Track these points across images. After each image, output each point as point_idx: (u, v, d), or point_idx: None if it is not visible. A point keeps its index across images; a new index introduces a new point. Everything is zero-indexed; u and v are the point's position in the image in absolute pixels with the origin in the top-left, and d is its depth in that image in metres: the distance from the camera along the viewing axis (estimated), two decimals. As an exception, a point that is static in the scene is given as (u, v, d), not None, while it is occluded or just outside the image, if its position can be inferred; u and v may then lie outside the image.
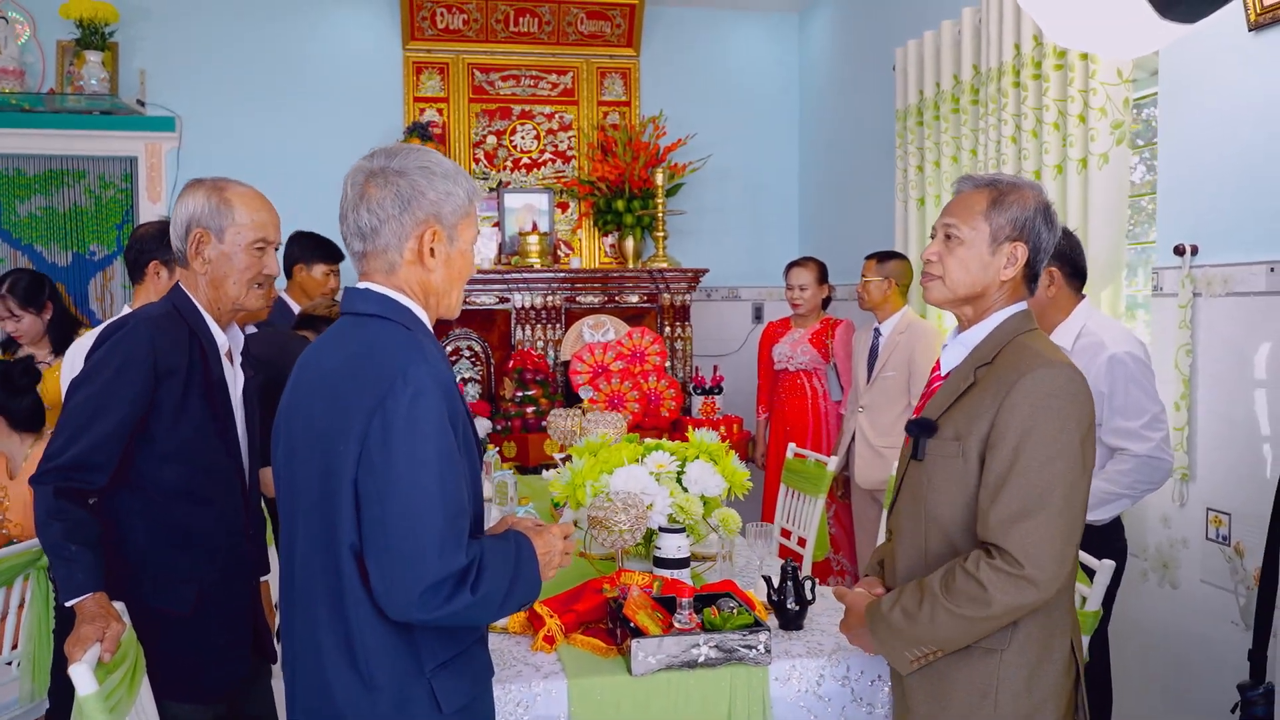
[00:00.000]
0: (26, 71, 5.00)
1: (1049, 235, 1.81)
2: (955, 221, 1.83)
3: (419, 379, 1.41)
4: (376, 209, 1.51)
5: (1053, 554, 1.62)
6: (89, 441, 1.91)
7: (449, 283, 1.58)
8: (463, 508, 1.42)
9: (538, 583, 1.54)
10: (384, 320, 1.52)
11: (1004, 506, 1.65)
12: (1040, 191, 1.82)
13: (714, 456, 2.49)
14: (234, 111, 5.26)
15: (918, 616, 1.70)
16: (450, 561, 1.37)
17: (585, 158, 5.52)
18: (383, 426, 1.39)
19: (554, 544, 1.60)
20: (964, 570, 1.67)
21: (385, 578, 1.39)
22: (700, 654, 1.91)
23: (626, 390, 4.53)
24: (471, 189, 1.59)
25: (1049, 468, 1.64)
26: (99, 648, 1.75)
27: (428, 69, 5.44)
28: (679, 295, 5.09)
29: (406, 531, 1.37)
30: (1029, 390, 1.67)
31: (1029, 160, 3.32)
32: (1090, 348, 2.55)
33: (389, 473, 1.39)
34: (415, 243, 1.53)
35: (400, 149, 1.55)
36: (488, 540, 1.49)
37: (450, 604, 1.38)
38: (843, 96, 5.28)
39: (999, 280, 1.80)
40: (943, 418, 1.79)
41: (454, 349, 4.96)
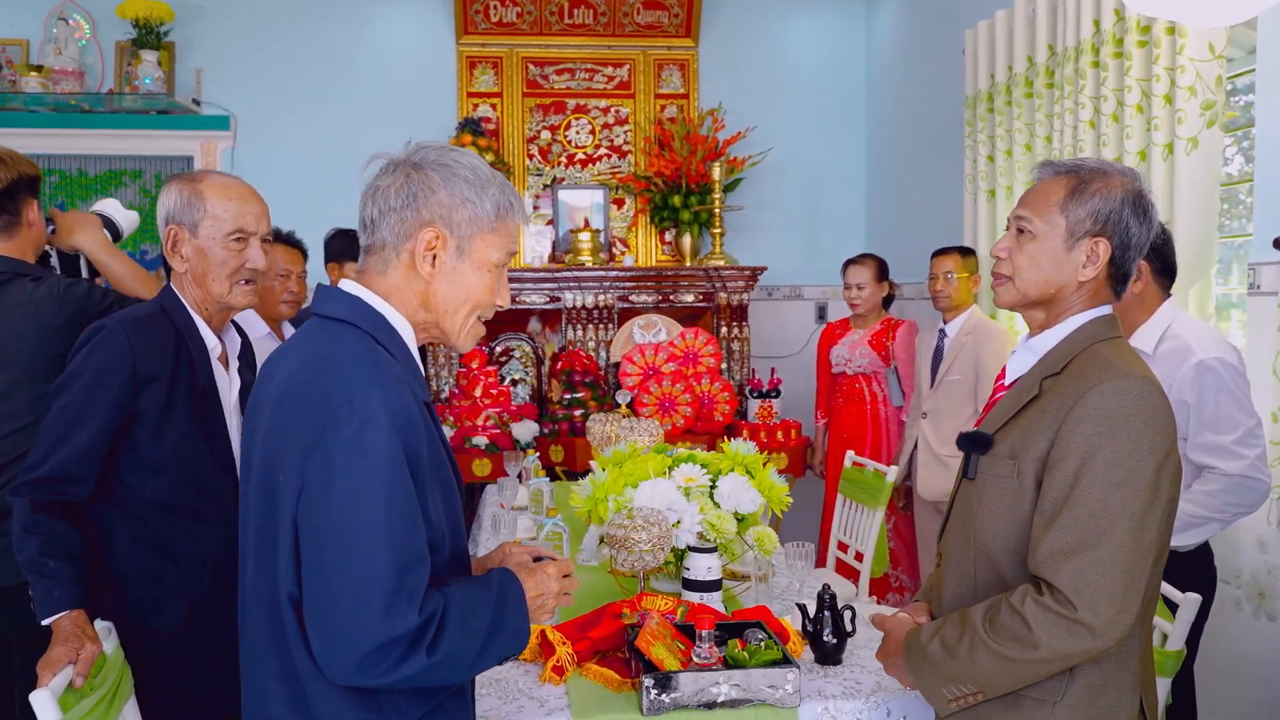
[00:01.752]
0: (86, 72, 5.03)
1: (1141, 229, 1.56)
2: (1028, 214, 1.60)
3: (368, 407, 1.22)
4: (380, 199, 1.36)
5: (1109, 596, 1.39)
6: (67, 452, 1.81)
7: (452, 302, 1.39)
8: (418, 557, 1.23)
9: (524, 633, 1.36)
10: (348, 327, 1.34)
11: (1058, 537, 1.43)
12: (1133, 179, 1.58)
13: (750, 469, 2.29)
14: (288, 109, 5.22)
15: (956, 651, 1.49)
16: (399, 621, 1.19)
17: (641, 153, 5.35)
18: (323, 461, 1.21)
19: (548, 585, 1.42)
20: (1009, 605, 1.45)
21: (323, 637, 1.21)
22: (720, 693, 1.72)
23: (678, 393, 4.35)
24: (504, 204, 1.39)
25: (1113, 495, 1.41)
26: (71, 670, 1.65)
27: (481, 63, 5.33)
28: (736, 294, 4.88)
29: (347, 585, 1.19)
30: (1097, 405, 1.44)
31: (1109, 147, 3.04)
32: (1175, 353, 2.28)
33: (328, 515, 1.21)
34: (414, 244, 1.35)
35: (434, 145, 1.40)
36: (457, 589, 1.30)
37: (400, 669, 1.20)
38: (911, 85, 5.00)
39: (1076, 280, 1.57)
40: (1000, 432, 1.57)
41: (504, 349, 4.84)
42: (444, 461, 1.37)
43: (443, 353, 4.69)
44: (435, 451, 1.34)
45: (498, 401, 4.32)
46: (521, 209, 1.45)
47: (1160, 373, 2.29)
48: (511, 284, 4.77)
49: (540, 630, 1.96)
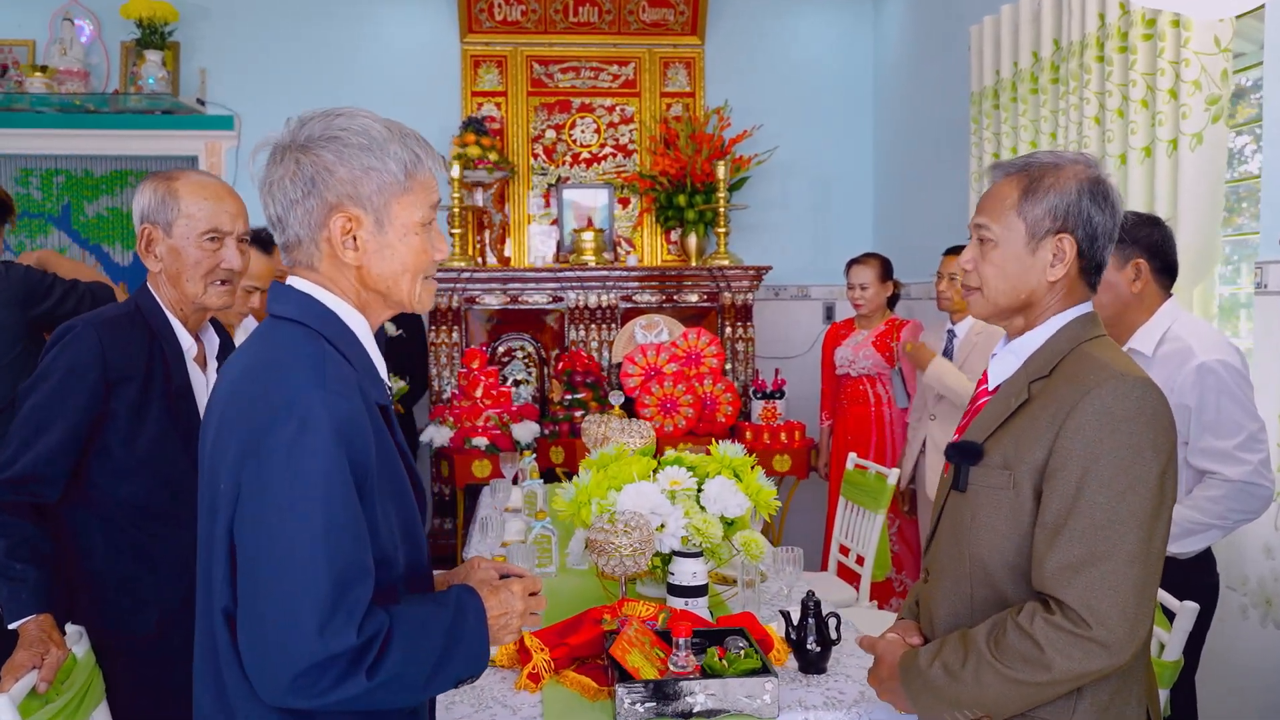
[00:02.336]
0: (91, 73, 5.03)
1: (1104, 217, 1.51)
2: (986, 221, 1.55)
3: (307, 411, 1.16)
4: (279, 194, 1.27)
5: (1124, 610, 1.33)
6: (35, 454, 1.79)
7: (390, 277, 1.30)
8: (360, 571, 1.16)
9: (482, 656, 1.29)
10: (297, 326, 1.26)
11: (1065, 552, 1.36)
12: (1087, 166, 1.52)
13: (738, 472, 2.25)
14: (292, 108, 5.05)
15: (961, 675, 1.42)
16: (335, 640, 1.12)
17: (647, 152, 5.31)
18: (258, 467, 1.15)
19: (512, 604, 1.35)
20: (1016, 626, 1.39)
21: (254, 654, 1.15)
22: (696, 703, 1.67)
23: (680, 394, 4.30)
24: (410, 160, 1.28)
25: (1120, 505, 1.35)
26: (35, 676, 1.63)
27: (486, 62, 5.31)
28: (740, 294, 4.83)
29: (280, 600, 1.13)
30: (1096, 410, 1.38)
31: (1114, 143, 2.98)
32: (1176, 354, 2.22)
33: (262, 525, 1.15)
34: (329, 232, 1.27)
35: (314, 115, 1.29)
36: (408, 608, 1.23)
37: (337, 691, 1.13)
38: (919, 81, 4.94)
39: (1047, 281, 1.51)
40: (990, 441, 1.50)
41: (506, 349, 4.81)
42: (399, 469, 1.30)
43: (444, 352, 4.67)
44: (389, 458, 1.27)
45: (498, 402, 4.29)
46: (432, 155, 1.34)
47: (1160, 375, 2.22)
48: (514, 284, 4.75)
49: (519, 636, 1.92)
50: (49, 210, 5.23)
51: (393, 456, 1.29)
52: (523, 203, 5.29)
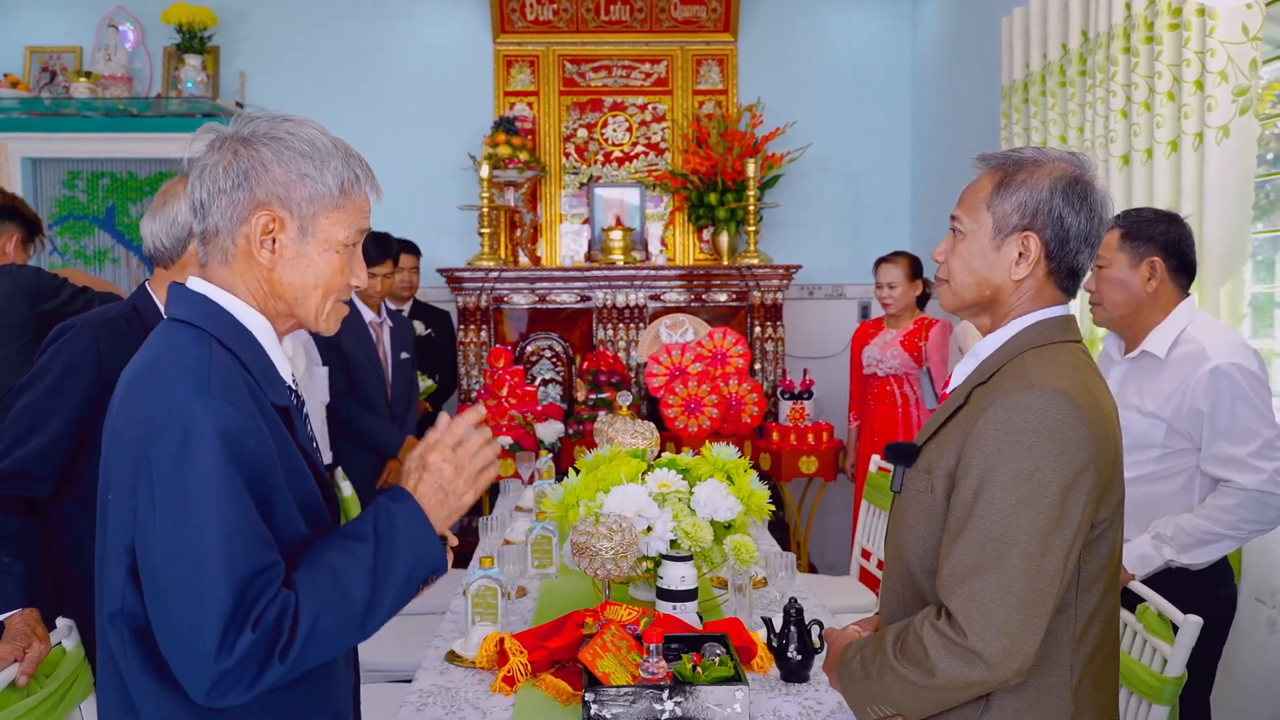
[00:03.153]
0: (135, 78, 5.15)
1: (1078, 219, 1.45)
2: (959, 213, 1.52)
3: (190, 420, 1.13)
4: (208, 180, 1.25)
5: (1001, 624, 1.30)
6: (28, 451, 1.83)
7: (302, 288, 1.28)
8: (263, 575, 1.15)
9: (429, 552, 1.25)
10: (188, 329, 1.25)
11: (957, 559, 1.35)
12: (1069, 165, 1.47)
13: (730, 475, 2.21)
14: (327, 110, 5.27)
15: (870, 671, 1.43)
16: (235, 647, 1.11)
17: (678, 150, 5.27)
18: (149, 483, 1.14)
19: (441, 474, 1.27)
20: (914, 629, 1.38)
21: (176, 664, 1.15)
22: (664, 710, 1.64)
23: (704, 394, 4.26)
24: (349, 178, 1.28)
25: (1012, 517, 1.32)
26: (15, 669, 1.66)
27: (518, 62, 5.32)
28: (770, 293, 4.77)
29: (182, 616, 1.12)
30: (998, 419, 1.35)
31: (1140, 136, 2.87)
32: (1189, 357, 2.13)
33: (157, 540, 1.14)
34: (249, 228, 1.25)
35: (264, 115, 1.28)
36: (316, 566, 1.19)
37: (258, 685, 1.14)
38: (957, 76, 4.83)
39: (1012, 280, 1.47)
40: (926, 445, 1.48)
41: (535, 348, 4.81)
42: (302, 470, 1.27)
43: (472, 351, 4.69)
44: (292, 461, 1.25)
45: (523, 402, 4.30)
46: (371, 181, 1.32)
47: (1173, 378, 2.14)
48: (542, 283, 4.75)
49: (499, 638, 1.91)
50: (94, 212, 5.36)
51: (295, 459, 1.27)
52: (554, 202, 5.30)
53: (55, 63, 5.20)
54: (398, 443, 3.81)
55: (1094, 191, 1.47)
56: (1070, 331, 1.50)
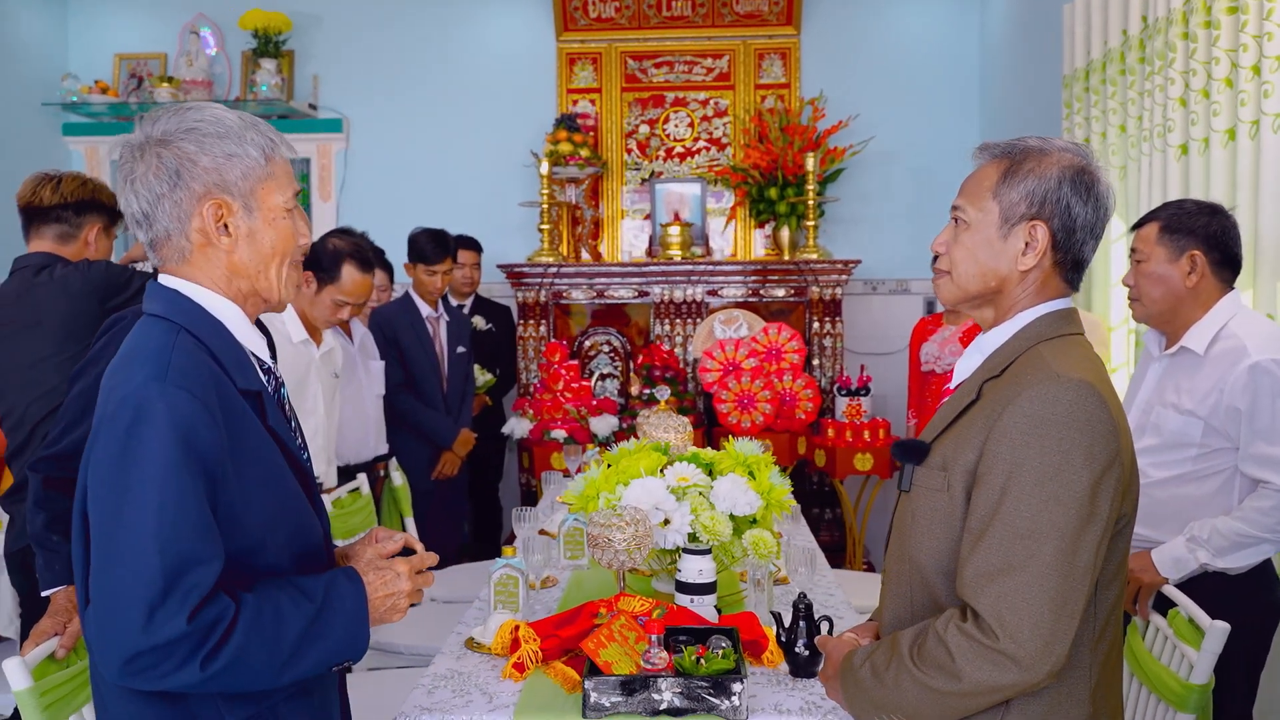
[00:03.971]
0: (215, 82, 5.37)
1: (1085, 209, 1.42)
2: (963, 202, 1.49)
3: (144, 404, 1.18)
4: (143, 190, 1.29)
5: (1034, 623, 1.26)
6: (81, 433, 1.93)
7: (261, 261, 1.34)
8: (196, 560, 1.18)
9: (357, 638, 1.31)
10: (159, 322, 1.30)
11: (983, 558, 1.31)
12: (1075, 155, 1.44)
13: (752, 470, 2.21)
14: (395, 110, 5.42)
15: (884, 678, 1.39)
16: (164, 628, 1.14)
17: (739, 145, 5.26)
18: (98, 458, 1.20)
19: (398, 585, 1.37)
20: (935, 632, 1.34)
21: (92, 637, 1.19)
22: (663, 701, 1.66)
23: (757, 390, 4.25)
24: (267, 145, 1.32)
25: (1041, 514, 1.28)
26: (55, 642, 1.76)
27: (581, 59, 5.38)
28: (828, 288, 4.72)
29: (112, 587, 1.16)
30: (1025, 412, 1.31)
31: (1198, 125, 2.76)
32: (1229, 354, 2.05)
33: (100, 514, 1.19)
34: (200, 221, 1.30)
35: (165, 112, 1.31)
36: (262, 595, 1.24)
37: (170, 678, 1.17)
38: (1024, 65, 4.70)
39: (1018, 271, 1.44)
40: (936, 441, 1.45)
41: (593, 343, 4.86)
42: (271, 456, 1.32)
43: (531, 346, 4.77)
44: (261, 446, 1.30)
45: (578, 396, 4.35)
46: (285, 142, 1.36)
47: (1211, 376, 2.07)
48: (600, 279, 4.80)
49: (515, 625, 1.95)
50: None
51: (263, 444, 1.31)
52: (616, 198, 5.34)
53: (142, 69, 5.45)
54: (452, 435, 3.90)
55: (1099, 183, 1.44)
56: (1075, 324, 1.47)
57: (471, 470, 4.68)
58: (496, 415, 4.70)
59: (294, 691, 1.36)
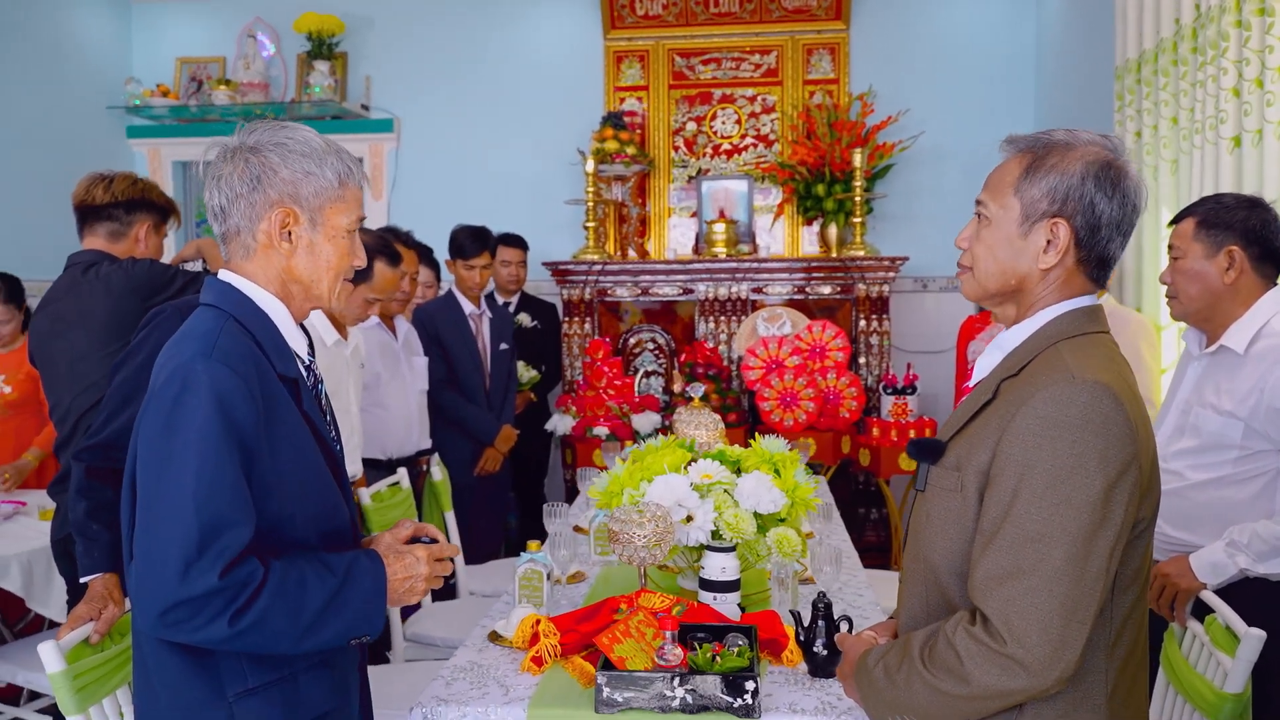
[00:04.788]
0: (271, 84, 5.50)
1: (1110, 205, 1.38)
2: (985, 198, 1.47)
3: (191, 375, 1.30)
4: (225, 188, 1.43)
5: (1043, 630, 1.23)
6: (120, 424, 1.99)
7: (315, 271, 1.47)
8: (230, 522, 1.28)
9: (373, 616, 1.41)
10: (211, 310, 1.43)
11: (993, 561, 1.29)
12: (1102, 148, 1.40)
13: (778, 467, 2.20)
14: (445, 110, 5.49)
15: (895, 679, 1.38)
16: (196, 583, 1.25)
17: (787, 142, 5.22)
18: (146, 426, 1.32)
19: (416, 569, 1.47)
20: (944, 635, 1.33)
21: (133, 589, 1.30)
22: (675, 698, 1.66)
23: (801, 388, 4.22)
24: (344, 171, 1.46)
25: (1053, 517, 1.25)
26: (91, 627, 1.82)
27: (628, 57, 5.39)
28: (875, 285, 4.67)
29: (153, 542, 1.27)
30: (1038, 414, 1.28)
31: (1251, 116, 2.67)
32: (1270, 352, 1.99)
33: (145, 476, 1.30)
34: (268, 224, 1.43)
35: (264, 125, 1.45)
36: (290, 564, 1.35)
37: (201, 631, 1.27)
38: (1082, 58, 4.59)
39: (1039, 269, 1.41)
40: (952, 440, 1.43)
41: (638, 341, 4.87)
42: (303, 437, 1.42)
43: (576, 343, 4.79)
44: (295, 428, 1.40)
45: (621, 393, 4.36)
46: (361, 173, 1.49)
47: (1252, 376, 2.00)
48: (645, 276, 4.80)
49: (536, 619, 1.97)
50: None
51: (298, 426, 1.41)
52: (663, 196, 5.34)
53: (202, 72, 5.60)
54: (494, 431, 3.94)
55: (1127, 178, 1.40)
56: (1099, 322, 1.43)
57: (516, 466, 4.73)
58: (542, 411, 4.74)
59: (315, 663, 1.44)
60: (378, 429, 3.30)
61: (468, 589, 3.42)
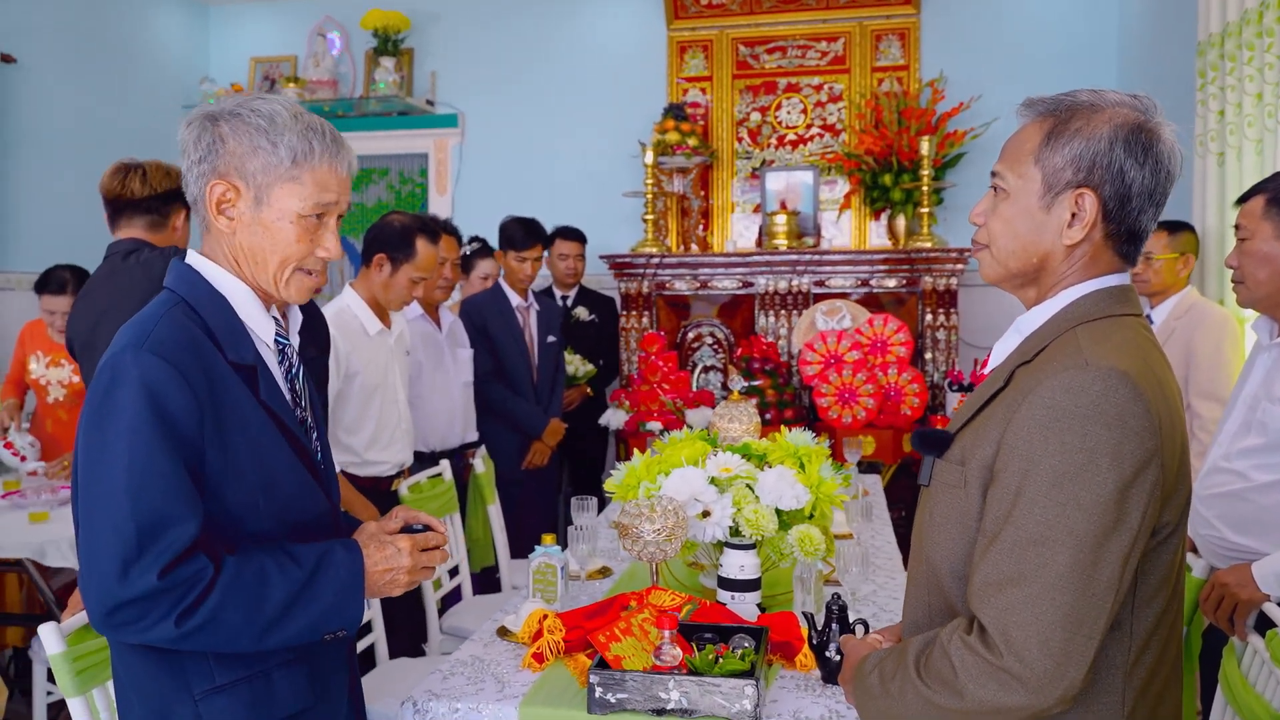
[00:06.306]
0: (340, 81, 5.57)
1: (1142, 173, 1.24)
2: (1002, 168, 1.34)
3: (120, 367, 1.24)
4: (184, 156, 1.37)
5: (1042, 642, 1.11)
6: None
7: (259, 254, 1.37)
8: (171, 519, 1.21)
9: (347, 608, 1.33)
10: (165, 294, 1.37)
11: (992, 565, 1.17)
12: (1131, 109, 1.26)
13: (803, 462, 2.09)
14: (509, 104, 5.49)
15: (889, 687, 1.26)
16: (136, 583, 1.19)
17: (854, 131, 5.06)
18: (83, 415, 1.26)
19: (398, 560, 1.38)
20: (940, 643, 1.21)
21: (84, 587, 1.24)
22: (669, 700, 1.58)
23: (860, 384, 4.07)
24: (303, 150, 1.34)
25: (1059, 518, 1.13)
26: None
27: (691, 48, 5.30)
28: (942, 278, 4.47)
29: (91, 542, 1.22)
30: (1045, 403, 1.16)
31: (1339, 89, 2.45)
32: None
33: (80, 473, 1.25)
34: (207, 197, 1.36)
35: (241, 95, 1.39)
36: (251, 559, 1.27)
37: (146, 633, 1.21)
38: (1160, 38, 4.32)
39: (1064, 245, 1.28)
40: (960, 432, 1.31)
41: (696, 335, 4.78)
42: (261, 426, 1.34)
43: (634, 337, 4.72)
44: (250, 416, 1.33)
45: (676, 387, 4.28)
46: (332, 155, 1.36)
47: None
48: (704, 269, 4.70)
49: (543, 614, 1.91)
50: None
51: (253, 414, 1.33)
52: (726, 189, 5.24)
53: (275, 71, 5.71)
54: (542, 424, 3.90)
55: (1160, 141, 1.26)
56: (1129, 303, 1.30)
57: (572, 461, 4.69)
58: (599, 406, 4.68)
59: (290, 658, 1.38)
60: (419, 421, 3.29)
61: (510, 583, 3.39)
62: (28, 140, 4.56)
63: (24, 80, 4.53)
